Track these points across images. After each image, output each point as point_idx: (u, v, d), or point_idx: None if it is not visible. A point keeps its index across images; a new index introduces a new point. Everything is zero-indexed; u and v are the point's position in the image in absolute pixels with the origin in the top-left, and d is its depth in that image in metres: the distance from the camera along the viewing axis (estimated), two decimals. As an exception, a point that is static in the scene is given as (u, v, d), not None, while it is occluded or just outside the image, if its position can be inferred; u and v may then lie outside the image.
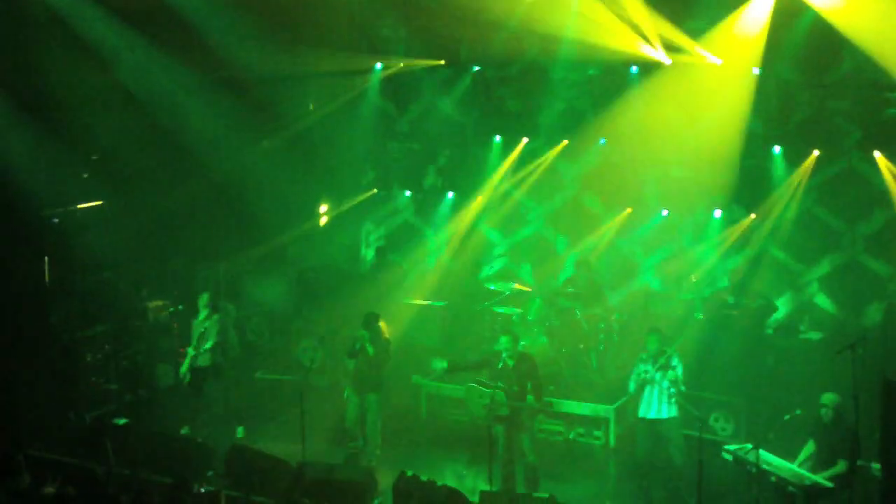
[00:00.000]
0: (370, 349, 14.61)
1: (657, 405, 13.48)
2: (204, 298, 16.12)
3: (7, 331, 15.47)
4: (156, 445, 14.06)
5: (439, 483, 12.87)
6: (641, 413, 13.64)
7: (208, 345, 15.72)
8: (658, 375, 13.42)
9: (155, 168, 17.62)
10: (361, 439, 14.93)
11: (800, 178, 17.30)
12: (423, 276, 20.35)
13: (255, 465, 13.57)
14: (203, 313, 15.95)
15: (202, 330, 15.85)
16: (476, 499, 12.71)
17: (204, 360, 15.77)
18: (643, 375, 13.53)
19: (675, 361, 13.48)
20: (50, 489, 11.46)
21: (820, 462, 12.41)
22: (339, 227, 20.50)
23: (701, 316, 17.11)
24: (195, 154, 18.21)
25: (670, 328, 15.30)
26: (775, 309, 17.12)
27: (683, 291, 17.96)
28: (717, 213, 18.06)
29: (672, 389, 13.32)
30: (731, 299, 16.93)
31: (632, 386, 13.80)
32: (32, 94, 15.81)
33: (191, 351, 15.85)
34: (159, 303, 18.18)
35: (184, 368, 15.99)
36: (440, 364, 14.22)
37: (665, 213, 18.56)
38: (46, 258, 16.21)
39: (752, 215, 17.69)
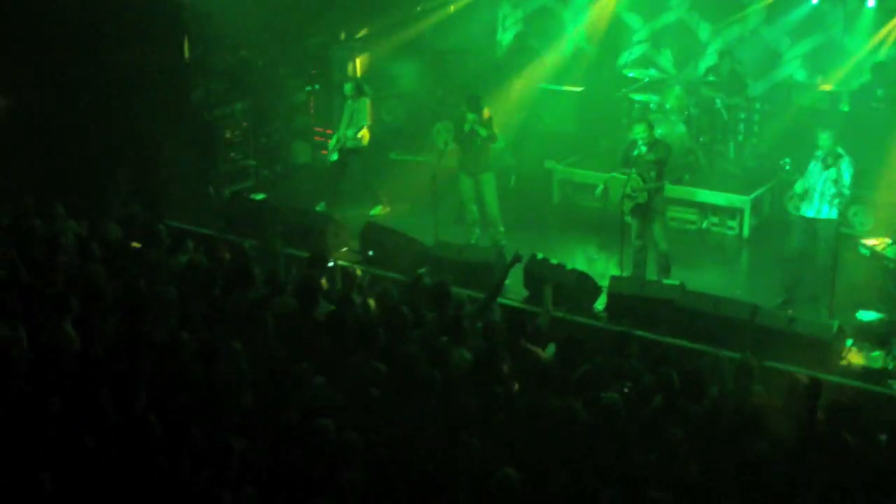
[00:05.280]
0: (482, 131, 14.55)
1: (818, 204, 12.79)
2: (351, 83, 16.16)
3: (149, 107, 15.78)
4: (292, 220, 14.37)
5: (569, 266, 12.96)
6: (802, 211, 13.01)
7: (359, 129, 15.83)
8: (825, 175, 12.74)
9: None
10: (478, 227, 15.05)
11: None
12: (560, 62, 19.99)
13: (389, 243, 13.83)
14: (350, 96, 16.01)
15: (350, 113, 15.95)
16: (606, 283, 12.78)
17: (352, 143, 15.92)
18: (811, 175, 12.87)
19: (844, 165, 12.70)
20: (183, 257, 11.88)
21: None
22: (475, 9, 20.10)
23: (847, 109, 16.57)
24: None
25: (816, 121, 14.79)
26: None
27: (829, 83, 17.37)
28: (871, 3, 17.18)
29: (833, 190, 12.65)
30: (879, 92, 16.30)
31: (799, 186, 13.09)
32: None
33: (341, 133, 15.99)
34: (296, 81, 18.33)
35: (332, 145, 16.19)
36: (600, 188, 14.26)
37: (815, 0, 17.76)
38: (186, 36, 16.35)
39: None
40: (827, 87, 17.13)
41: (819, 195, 12.78)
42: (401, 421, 8.47)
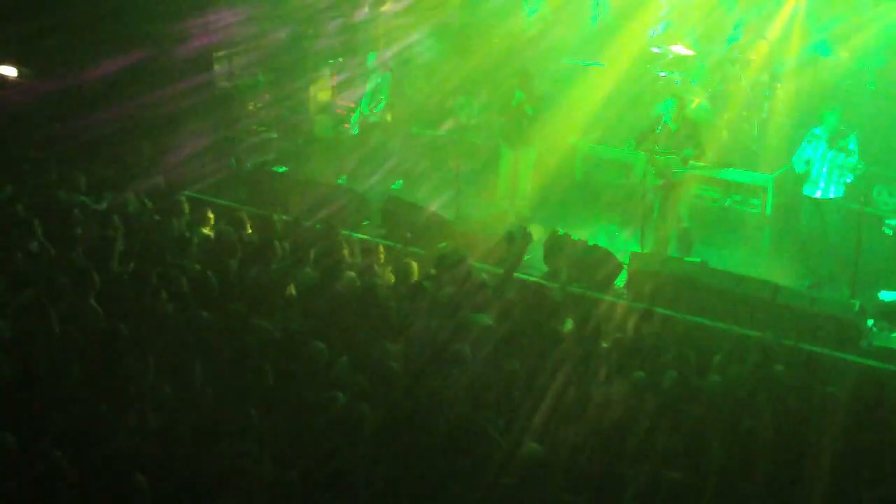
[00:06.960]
0: (529, 110, 14.47)
1: (824, 185, 12.72)
2: (372, 57, 16.12)
3: (173, 78, 15.79)
4: (313, 193, 14.35)
5: (590, 243, 12.92)
6: (807, 191, 12.98)
7: (382, 104, 15.83)
8: (831, 154, 12.66)
9: None
10: (504, 202, 14.98)
11: None
12: (585, 37, 19.87)
13: (410, 217, 13.81)
14: (373, 71, 16.00)
15: (373, 86, 15.93)
16: (627, 260, 12.73)
17: (375, 117, 15.92)
18: (813, 152, 12.81)
19: (853, 145, 12.59)
20: (206, 229, 11.89)
21: None
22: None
23: (873, 86, 16.43)
24: None
25: (844, 101, 14.65)
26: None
27: (855, 60, 17.22)
28: (900, -22, 17.03)
29: (846, 175, 12.54)
30: (906, 70, 16.19)
31: (801, 166, 13.02)
32: None
33: (364, 107, 15.97)
34: (319, 54, 18.31)
35: (354, 120, 16.17)
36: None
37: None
38: (210, 7, 16.35)
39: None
40: (853, 64, 17.00)
41: (825, 175, 12.66)
42: (420, 396, 8.48)
